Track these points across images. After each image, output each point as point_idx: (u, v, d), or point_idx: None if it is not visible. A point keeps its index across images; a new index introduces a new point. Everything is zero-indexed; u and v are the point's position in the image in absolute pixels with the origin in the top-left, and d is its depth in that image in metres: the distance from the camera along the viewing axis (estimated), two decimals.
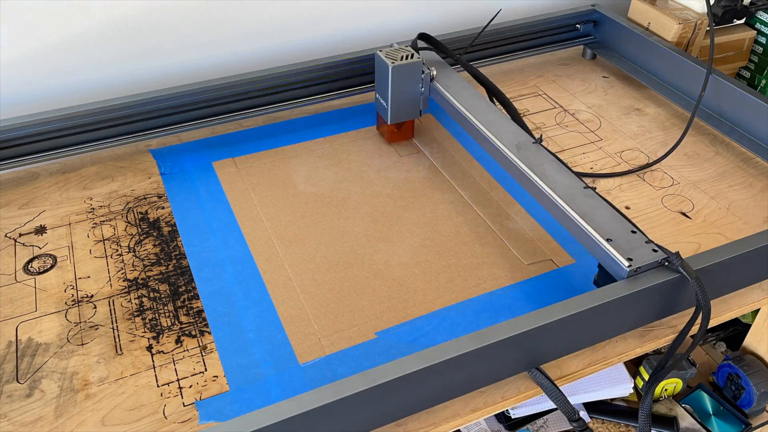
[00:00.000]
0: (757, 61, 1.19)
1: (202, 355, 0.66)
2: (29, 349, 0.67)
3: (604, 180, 0.89)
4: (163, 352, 0.67)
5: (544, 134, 0.98)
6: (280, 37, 1.07)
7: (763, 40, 1.17)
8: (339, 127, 1.00)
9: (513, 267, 0.77)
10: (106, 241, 0.79)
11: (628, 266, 0.64)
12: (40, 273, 0.75)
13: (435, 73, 0.91)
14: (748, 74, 1.22)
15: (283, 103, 0.99)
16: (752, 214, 0.84)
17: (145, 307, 0.71)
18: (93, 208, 0.84)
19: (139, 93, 0.91)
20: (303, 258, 0.77)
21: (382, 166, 0.92)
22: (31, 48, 0.93)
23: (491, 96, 0.92)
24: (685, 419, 1.01)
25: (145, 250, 0.78)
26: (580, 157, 0.94)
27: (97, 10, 0.93)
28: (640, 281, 0.64)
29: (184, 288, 0.74)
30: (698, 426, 1.00)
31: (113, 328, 0.69)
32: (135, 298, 0.72)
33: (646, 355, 1.02)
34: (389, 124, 0.93)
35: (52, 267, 0.76)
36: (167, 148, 0.95)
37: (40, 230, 0.81)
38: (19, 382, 0.63)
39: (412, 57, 0.89)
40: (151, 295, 0.73)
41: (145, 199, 0.86)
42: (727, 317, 0.73)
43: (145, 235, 0.80)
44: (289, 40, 1.08)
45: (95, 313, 0.70)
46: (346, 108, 1.04)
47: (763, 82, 1.19)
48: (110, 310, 0.71)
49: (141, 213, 0.83)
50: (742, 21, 1.17)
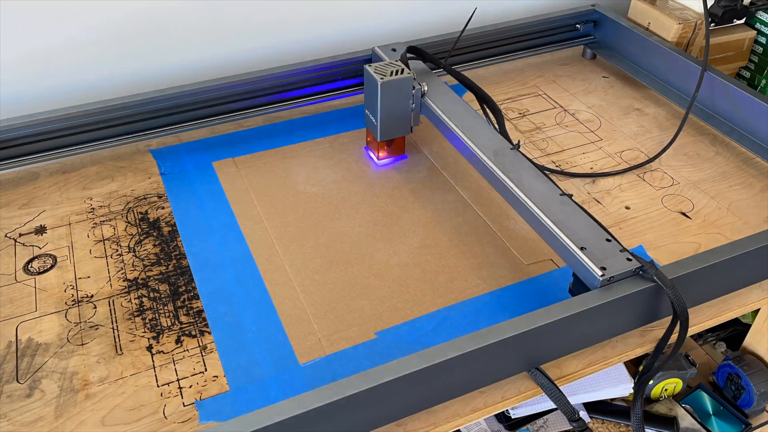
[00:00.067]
0: (757, 61, 1.19)
1: (202, 355, 0.66)
2: (29, 349, 0.67)
3: (603, 180, 0.89)
4: (163, 352, 0.67)
5: (545, 134, 0.98)
6: (280, 37, 1.07)
7: (763, 40, 1.17)
8: (339, 127, 0.99)
9: (513, 267, 0.77)
10: (106, 241, 0.79)
11: (601, 275, 0.62)
12: (40, 273, 0.75)
13: (426, 88, 0.87)
14: (748, 74, 1.22)
15: (283, 103, 0.99)
16: (752, 214, 0.84)
17: (145, 307, 0.71)
18: (93, 208, 0.84)
19: (139, 93, 0.91)
20: (303, 258, 0.77)
21: (381, 166, 0.92)
22: (31, 48, 0.93)
23: (480, 102, 0.90)
24: (685, 419, 1.01)
25: (145, 250, 0.78)
26: (580, 157, 0.94)
27: (98, 9, 0.93)
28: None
29: (184, 288, 0.74)
30: (698, 426, 1.00)
31: (113, 328, 0.69)
32: (135, 298, 0.72)
33: (646, 355, 1.02)
34: (379, 141, 0.89)
35: (52, 267, 0.76)
36: (167, 148, 0.95)
37: (40, 230, 0.81)
38: (19, 382, 0.63)
39: (402, 72, 0.84)
40: (151, 295, 0.73)
41: (145, 199, 0.86)
42: (727, 317, 0.73)
43: (145, 235, 0.80)
44: (289, 40, 1.08)
45: (95, 313, 0.70)
46: (347, 108, 1.04)
47: (763, 82, 1.19)
48: (110, 310, 0.71)
49: (141, 213, 0.83)
50: (742, 21, 1.17)
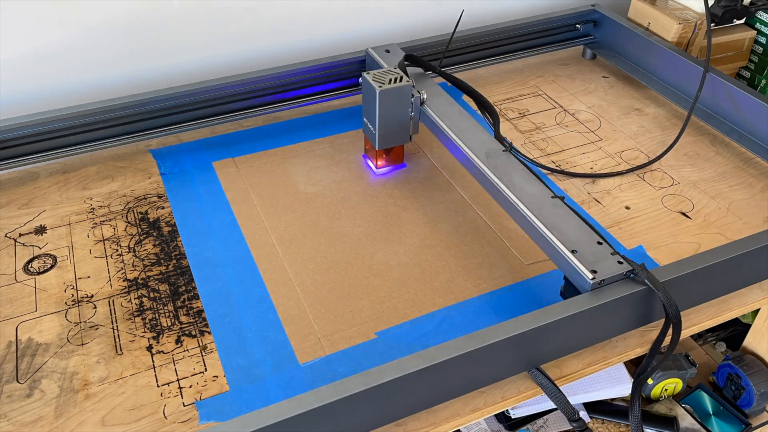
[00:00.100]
0: (757, 61, 1.19)
1: (202, 355, 0.66)
2: (29, 349, 0.67)
3: (603, 180, 0.89)
4: (163, 352, 0.67)
5: (545, 134, 0.98)
6: (280, 37, 1.07)
7: (763, 40, 1.17)
8: (339, 127, 0.99)
9: (513, 267, 0.77)
10: (106, 241, 0.79)
11: (592, 279, 0.62)
12: (40, 273, 0.75)
13: (425, 96, 0.86)
14: (748, 74, 1.22)
15: (283, 103, 0.99)
16: (752, 214, 0.84)
17: (145, 307, 0.71)
18: (93, 208, 0.84)
19: (139, 93, 0.91)
20: (303, 258, 0.77)
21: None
22: (31, 48, 0.93)
23: (478, 105, 0.90)
24: (685, 419, 1.01)
25: (145, 250, 0.78)
26: (580, 157, 0.94)
27: (98, 10, 0.93)
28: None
29: (184, 288, 0.73)
30: (698, 426, 1.00)
31: (113, 328, 0.69)
32: (135, 298, 0.72)
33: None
34: (377, 149, 0.88)
35: (52, 267, 0.76)
36: (167, 148, 0.95)
37: (40, 230, 0.81)
38: (19, 382, 0.63)
39: (401, 80, 0.83)
40: (151, 295, 0.73)
41: (145, 199, 0.86)
42: (727, 317, 0.73)
43: (145, 235, 0.80)
44: (289, 40, 1.08)
45: (95, 313, 0.70)
46: (347, 108, 1.04)
47: (763, 82, 1.19)
48: (110, 310, 0.71)
49: (141, 213, 0.83)
50: (742, 21, 1.17)
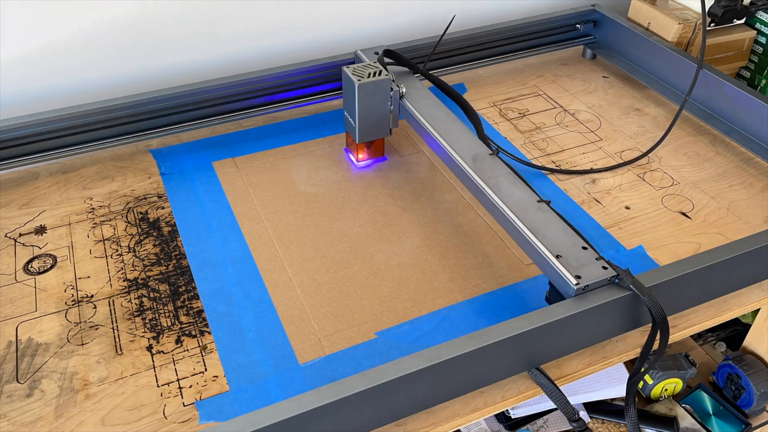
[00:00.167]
0: (757, 61, 1.19)
1: (202, 355, 0.66)
2: (29, 349, 0.67)
3: (603, 180, 0.89)
4: (163, 352, 0.67)
5: (545, 134, 0.98)
6: (280, 37, 1.07)
7: (763, 40, 1.17)
8: (339, 127, 0.99)
9: (513, 267, 0.77)
10: (106, 241, 0.79)
11: (576, 284, 0.62)
12: (40, 273, 0.75)
13: (404, 90, 0.87)
14: (748, 74, 1.22)
15: (283, 103, 0.99)
16: (752, 214, 0.84)
17: (145, 307, 0.71)
18: (93, 208, 0.84)
19: (139, 93, 0.91)
20: (303, 258, 0.77)
21: (382, 167, 0.92)
22: (31, 48, 0.93)
23: (461, 106, 0.89)
24: (685, 419, 1.01)
25: (145, 250, 0.78)
26: (580, 157, 0.94)
27: (97, 10, 0.93)
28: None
29: (184, 288, 0.74)
30: (698, 426, 1.00)
31: (113, 328, 0.69)
32: (135, 298, 0.72)
33: None
34: (358, 143, 0.89)
35: (52, 267, 0.76)
36: (167, 148, 0.95)
37: (40, 230, 0.81)
38: (19, 382, 0.63)
39: (380, 74, 0.84)
40: (151, 295, 0.73)
41: (145, 199, 0.86)
42: (727, 317, 0.73)
43: (145, 235, 0.80)
44: (289, 40, 1.08)
45: (95, 313, 0.70)
46: None
47: (763, 82, 1.19)
48: (110, 310, 0.71)
49: (141, 213, 0.83)
50: (742, 21, 1.17)
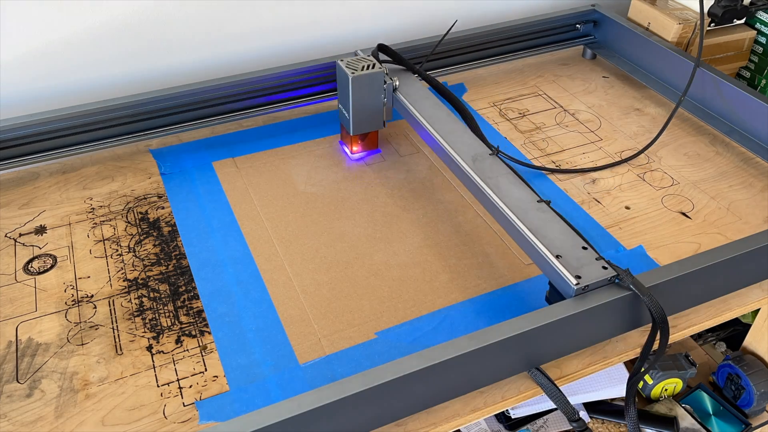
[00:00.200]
0: (757, 61, 1.19)
1: (202, 355, 0.66)
2: (29, 349, 0.67)
3: (603, 180, 0.89)
4: (163, 352, 0.67)
5: (545, 134, 0.98)
6: (280, 37, 1.07)
7: (763, 40, 1.17)
8: (339, 127, 0.99)
9: (513, 267, 0.77)
10: (106, 241, 0.79)
11: (576, 284, 0.62)
12: (40, 273, 0.75)
13: (398, 83, 0.89)
14: (748, 74, 1.22)
15: (283, 103, 0.99)
16: (752, 214, 0.84)
17: (145, 307, 0.71)
18: (93, 208, 0.84)
19: (139, 93, 0.91)
20: (303, 258, 0.77)
21: (382, 166, 0.92)
22: (31, 48, 0.93)
23: (455, 106, 0.89)
24: (685, 419, 1.01)
25: (145, 250, 0.78)
26: (580, 157, 0.94)
27: (97, 9, 0.93)
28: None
29: (184, 288, 0.74)
30: (698, 426, 1.00)
31: (113, 328, 0.69)
32: (135, 298, 0.72)
33: None
34: (352, 135, 0.90)
35: (52, 267, 0.76)
36: (167, 148, 0.95)
37: (40, 230, 0.81)
38: (19, 382, 0.63)
39: (374, 67, 0.86)
40: (151, 295, 0.73)
41: (145, 199, 0.86)
42: (727, 317, 0.73)
43: (145, 235, 0.80)
44: (289, 40, 1.08)
45: (95, 313, 0.70)
46: None
47: (763, 82, 1.19)
48: (110, 310, 0.71)
49: (141, 213, 0.83)
50: (742, 21, 1.17)
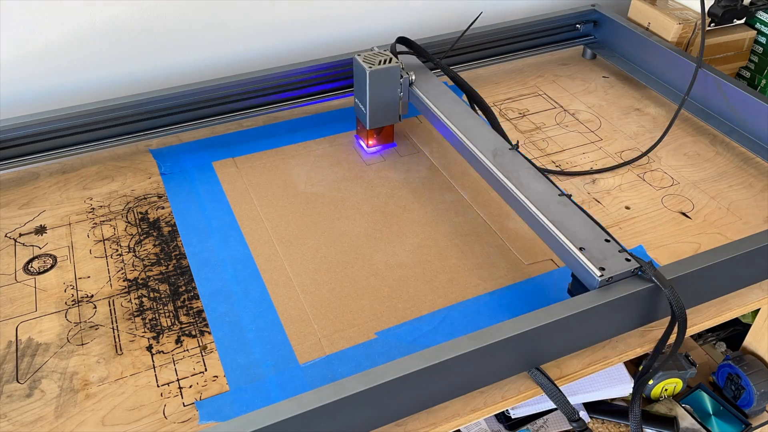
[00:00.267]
0: (757, 61, 1.19)
1: (202, 355, 0.66)
2: (29, 349, 0.67)
3: (603, 180, 0.89)
4: (163, 352, 0.67)
5: (545, 134, 0.98)
6: (281, 37, 1.07)
7: (763, 40, 1.17)
8: (339, 127, 0.99)
9: (513, 267, 0.77)
10: (106, 241, 0.79)
11: (600, 276, 0.62)
12: (40, 273, 0.75)
13: (414, 77, 0.90)
14: (748, 74, 1.22)
15: (283, 103, 0.99)
16: (752, 214, 0.84)
17: (145, 307, 0.71)
18: (93, 208, 0.84)
19: (139, 93, 0.91)
20: (303, 258, 0.77)
21: (382, 166, 0.92)
22: (31, 48, 0.93)
23: (471, 101, 0.90)
24: (685, 419, 1.01)
25: (145, 250, 0.78)
26: (580, 157, 0.94)
27: (97, 10, 0.93)
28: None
29: (184, 288, 0.74)
30: (698, 426, 1.00)
31: (113, 328, 0.69)
32: (135, 298, 0.72)
33: (646, 355, 1.01)
34: (368, 129, 0.92)
35: (52, 267, 0.76)
36: (167, 148, 0.95)
37: (40, 230, 0.81)
38: (19, 382, 0.63)
39: (390, 62, 0.87)
40: (151, 295, 0.73)
41: (145, 199, 0.86)
42: (727, 317, 0.73)
43: (145, 235, 0.80)
44: (289, 40, 1.08)
45: (95, 313, 0.70)
46: (346, 108, 1.04)
47: (763, 82, 1.19)
48: (110, 310, 0.71)
49: (141, 213, 0.83)
50: (742, 21, 1.17)
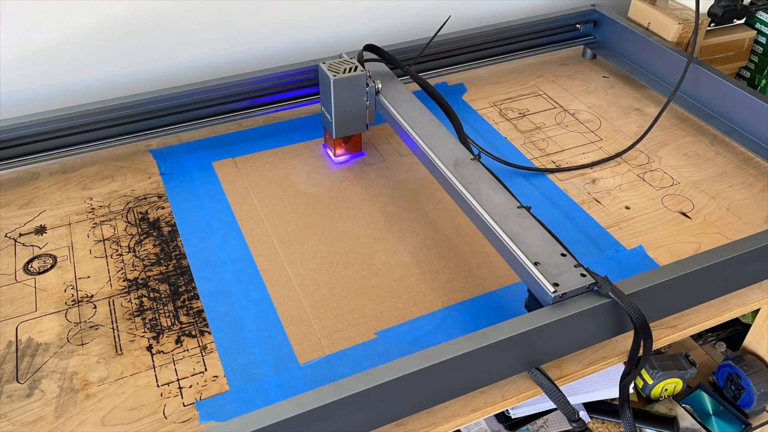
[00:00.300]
0: (757, 61, 1.19)
1: (202, 355, 0.66)
2: (29, 349, 0.67)
3: (603, 180, 0.89)
4: (163, 352, 0.67)
5: (545, 134, 0.98)
6: (281, 37, 1.07)
7: (763, 40, 1.17)
8: None
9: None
10: (106, 241, 0.79)
11: (553, 292, 0.61)
12: (40, 273, 0.75)
13: (380, 86, 0.88)
14: (748, 74, 1.22)
15: (284, 103, 0.99)
16: (752, 214, 0.84)
17: (145, 307, 0.71)
18: (93, 208, 0.84)
19: (139, 93, 0.91)
20: (303, 258, 0.77)
21: (382, 166, 0.92)
22: (31, 48, 0.93)
23: (442, 108, 0.88)
24: (685, 419, 1.01)
25: (145, 250, 0.78)
26: (580, 157, 0.94)
27: (97, 10, 0.93)
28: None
29: (184, 288, 0.74)
30: (698, 426, 1.00)
31: (113, 328, 0.69)
32: (135, 298, 0.72)
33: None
34: (335, 138, 0.90)
35: (52, 267, 0.76)
36: (167, 148, 0.95)
37: (40, 230, 0.81)
38: (19, 382, 0.63)
39: (356, 69, 0.85)
40: (151, 295, 0.73)
41: (145, 199, 0.86)
42: (727, 317, 0.73)
43: (145, 235, 0.80)
44: (290, 40, 1.08)
45: (95, 313, 0.70)
46: None
47: (763, 82, 1.19)
48: (110, 310, 0.71)
49: (141, 213, 0.83)
50: (742, 21, 1.17)
